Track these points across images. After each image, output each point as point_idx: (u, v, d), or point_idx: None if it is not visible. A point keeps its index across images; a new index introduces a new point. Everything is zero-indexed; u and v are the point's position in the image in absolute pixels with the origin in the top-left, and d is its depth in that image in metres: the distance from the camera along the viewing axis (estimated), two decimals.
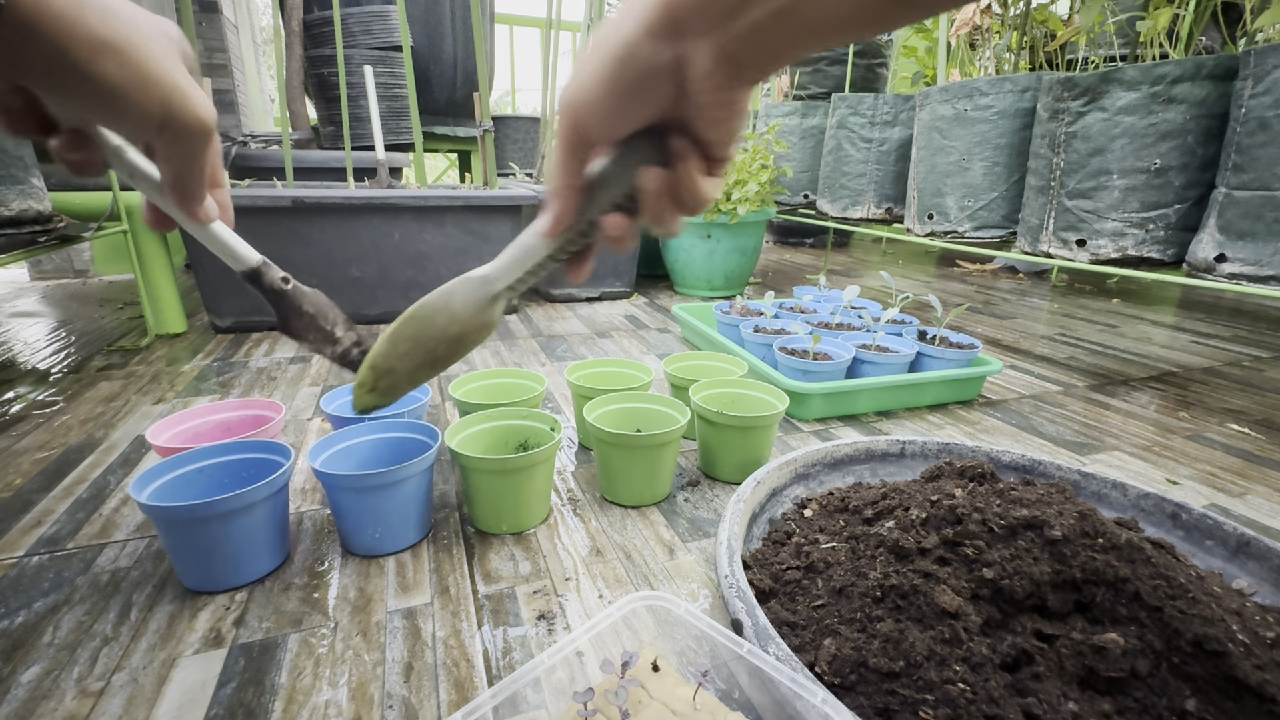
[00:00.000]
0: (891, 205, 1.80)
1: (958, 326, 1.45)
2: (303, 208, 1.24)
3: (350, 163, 1.44)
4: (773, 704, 0.38)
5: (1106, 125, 1.09)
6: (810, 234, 3.01)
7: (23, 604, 0.51)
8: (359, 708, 0.42)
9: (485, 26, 2.39)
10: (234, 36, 2.83)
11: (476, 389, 0.78)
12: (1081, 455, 0.82)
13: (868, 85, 2.36)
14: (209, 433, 0.68)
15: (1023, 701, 0.38)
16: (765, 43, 0.24)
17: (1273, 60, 0.90)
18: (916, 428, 0.90)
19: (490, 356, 1.17)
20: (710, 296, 1.75)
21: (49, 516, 0.63)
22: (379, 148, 1.42)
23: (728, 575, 0.46)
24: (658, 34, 0.25)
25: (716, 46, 0.25)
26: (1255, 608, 0.44)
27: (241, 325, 1.28)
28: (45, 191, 0.98)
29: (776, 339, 1.02)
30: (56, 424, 0.84)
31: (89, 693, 0.42)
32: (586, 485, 0.71)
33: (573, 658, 0.42)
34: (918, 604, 0.42)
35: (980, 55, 1.59)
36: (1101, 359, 1.26)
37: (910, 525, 0.48)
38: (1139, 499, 0.59)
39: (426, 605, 0.51)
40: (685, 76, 0.26)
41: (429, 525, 0.62)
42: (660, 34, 0.25)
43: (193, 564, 0.51)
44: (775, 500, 0.62)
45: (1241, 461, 0.81)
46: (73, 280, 1.87)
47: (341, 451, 0.62)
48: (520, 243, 0.34)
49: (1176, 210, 1.05)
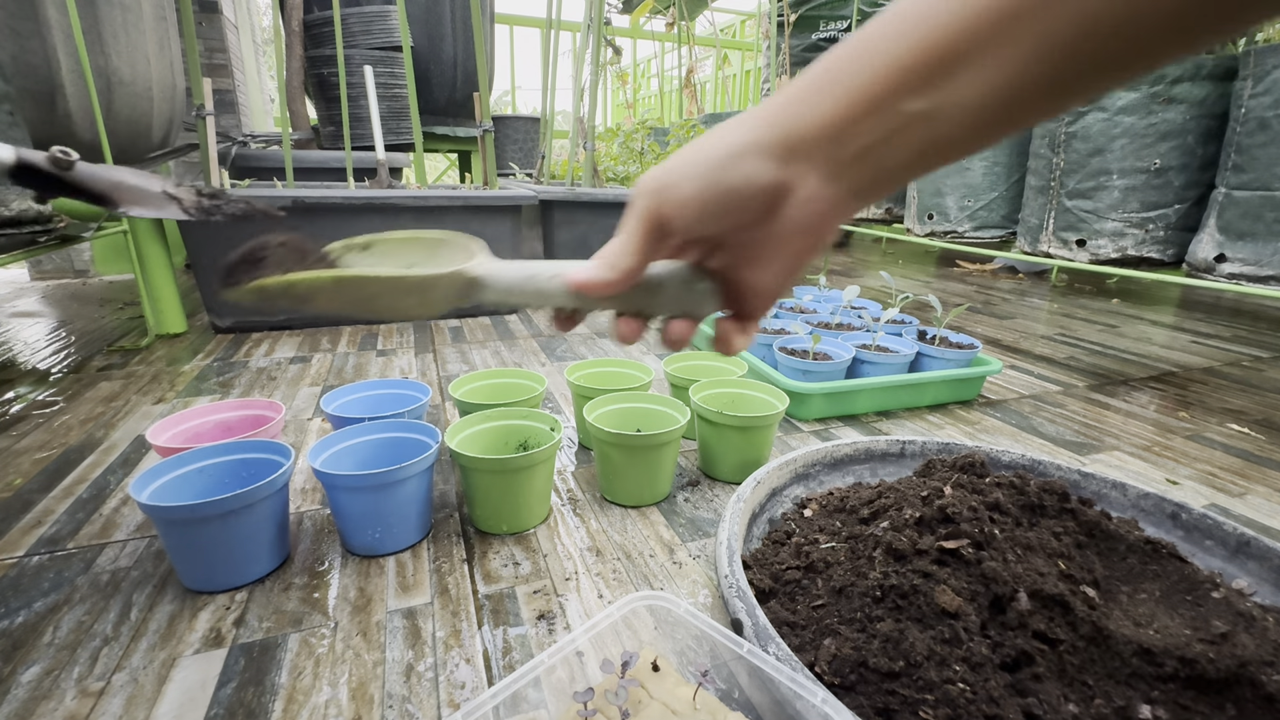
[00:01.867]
0: (891, 205, 1.80)
1: (958, 326, 1.45)
2: (303, 208, 1.24)
3: (350, 163, 1.44)
4: (773, 704, 0.38)
5: (1106, 125, 1.09)
6: None
7: (23, 604, 0.51)
8: (359, 708, 0.42)
9: (485, 26, 2.39)
10: (234, 36, 2.83)
11: (476, 389, 0.78)
12: (1081, 455, 0.82)
13: None
14: (209, 433, 0.68)
15: (1023, 702, 0.38)
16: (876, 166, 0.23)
17: (1273, 60, 0.90)
18: (916, 428, 0.90)
19: (490, 356, 1.17)
20: None
21: (49, 516, 0.63)
22: (379, 148, 1.42)
23: (728, 575, 0.46)
24: (766, 152, 0.24)
25: (822, 172, 0.24)
26: (1255, 607, 0.44)
27: (241, 325, 1.29)
28: None
29: (776, 339, 1.02)
30: (56, 424, 0.84)
31: (89, 693, 0.42)
32: (586, 485, 0.71)
33: (573, 657, 0.42)
34: (917, 604, 0.42)
35: None
36: (1101, 359, 1.26)
37: (904, 525, 0.48)
38: (1139, 499, 0.59)
39: (426, 605, 0.51)
40: (784, 198, 0.25)
41: (429, 525, 0.62)
42: (768, 153, 0.24)
43: (193, 564, 0.51)
44: (775, 500, 0.62)
45: (1241, 461, 0.81)
46: (73, 280, 1.87)
47: (341, 451, 0.62)
48: (536, 274, 0.31)
49: (1176, 210, 1.05)
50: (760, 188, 0.24)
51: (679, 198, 0.26)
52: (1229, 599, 0.46)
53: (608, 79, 3.68)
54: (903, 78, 0.20)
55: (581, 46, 1.96)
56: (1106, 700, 0.38)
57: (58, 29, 1.11)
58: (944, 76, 0.20)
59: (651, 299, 0.30)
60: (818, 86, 0.23)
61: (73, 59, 1.13)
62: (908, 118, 0.21)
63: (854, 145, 0.23)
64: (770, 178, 0.24)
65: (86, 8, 1.17)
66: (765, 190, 0.24)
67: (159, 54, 1.41)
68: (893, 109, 0.21)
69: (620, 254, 0.28)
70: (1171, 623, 0.44)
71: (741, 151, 0.24)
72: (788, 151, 0.24)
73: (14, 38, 1.06)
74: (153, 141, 1.47)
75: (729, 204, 0.25)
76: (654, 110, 4.11)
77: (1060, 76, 0.19)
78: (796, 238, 0.26)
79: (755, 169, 0.24)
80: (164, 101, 1.45)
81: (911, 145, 0.22)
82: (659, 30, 3.36)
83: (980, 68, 0.19)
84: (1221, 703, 0.38)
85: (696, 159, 0.25)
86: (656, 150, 1.85)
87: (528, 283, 0.31)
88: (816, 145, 0.23)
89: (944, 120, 0.21)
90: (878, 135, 0.22)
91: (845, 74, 0.22)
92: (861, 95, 0.22)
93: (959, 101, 0.20)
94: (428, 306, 0.32)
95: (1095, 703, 0.38)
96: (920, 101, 0.20)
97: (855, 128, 0.22)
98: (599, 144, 2.22)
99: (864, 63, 0.22)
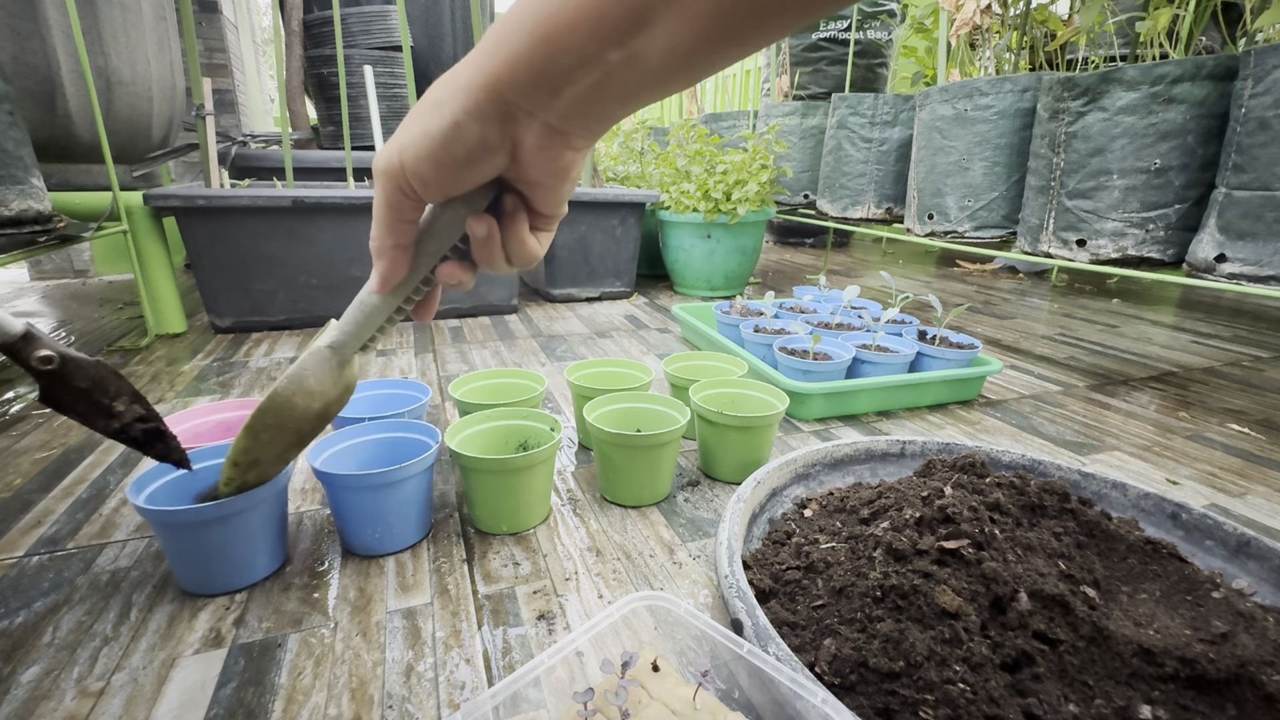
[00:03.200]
0: (891, 205, 1.80)
1: (958, 326, 1.45)
2: (303, 208, 1.24)
3: (350, 163, 1.44)
4: (773, 704, 0.38)
5: (1106, 125, 1.09)
6: (810, 234, 3.01)
7: (23, 604, 0.51)
8: (359, 708, 0.42)
9: (485, 26, 2.39)
10: (234, 36, 2.83)
11: (476, 389, 0.78)
12: (1081, 455, 0.82)
13: (868, 85, 2.36)
14: (209, 433, 0.68)
15: (1023, 702, 0.38)
16: (589, 112, 0.25)
17: (1273, 60, 0.90)
18: (916, 428, 0.90)
19: (490, 356, 1.17)
20: (710, 296, 1.75)
21: (49, 516, 0.63)
22: (379, 148, 1.42)
23: (728, 575, 0.46)
24: (486, 117, 0.26)
25: (543, 123, 0.26)
26: (1255, 607, 0.44)
27: (241, 325, 1.28)
28: (45, 191, 0.98)
29: (776, 339, 1.02)
30: (56, 424, 0.84)
31: (89, 693, 0.42)
32: (586, 485, 0.71)
33: (573, 658, 0.42)
34: (918, 604, 0.42)
35: (980, 55, 1.59)
36: (1101, 359, 1.26)
37: (904, 525, 0.48)
38: (1139, 499, 0.59)
39: (426, 605, 0.51)
40: (517, 151, 0.27)
41: (429, 525, 0.62)
42: (488, 117, 0.26)
43: (191, 568, 0.51)
44: (775, 500, 0.62)
45: (1241, 461, 0.81)
46: (73, 280, 1.87)
47: (341, 451, 0.62)
48: (360, 303, 0.34)
49: (1176, 210, 1.05)
50: (487, 148, 0.26)
51: (416, 175, 0.28)
52: (1229, 599, 0.46)
53: None
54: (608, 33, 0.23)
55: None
56: (1107, 700, 0.38)
57: (58, 29, 1.11)
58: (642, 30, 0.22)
59: (439, 240, 0.32)
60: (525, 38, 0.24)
61: (73, 59, 1.13)
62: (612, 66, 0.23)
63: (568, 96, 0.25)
64: (494, 136, 0.26)
65: (86, 8, 1.17)
66: (493, 148, 0.27)
67: (159, 54, 1.41)
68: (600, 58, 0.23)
69: (375, 238, 0.32)
70: (1172, 623, 0.44)
71: (462, 119, 0.26)
72: (504, 108, 0.25)
73: (14, 38, 1.06)
74: (152, 141, 1.47)
75: (466, 169, 0.27)
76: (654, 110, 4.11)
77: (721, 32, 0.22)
78: (540, 170, 0.28)
79: (478, 133, 0.26)
80: (164, 101, 1.45)
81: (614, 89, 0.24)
82: None
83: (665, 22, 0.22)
84: (1221, 703, 0.38)
85: (422, 132, 0.27)
86: (656, 149, 1.85)
87: (360, 312, 0.34)
88: (527, 97, 0.25)
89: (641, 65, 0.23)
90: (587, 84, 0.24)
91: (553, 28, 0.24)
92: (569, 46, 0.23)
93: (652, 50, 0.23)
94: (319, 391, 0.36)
95: (1095, 703, 0.38)
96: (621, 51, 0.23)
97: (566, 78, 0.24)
98: (599, 143, 2.22)
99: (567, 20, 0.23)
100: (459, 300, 1.45)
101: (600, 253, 1.64)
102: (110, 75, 1.25)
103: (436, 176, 0.28)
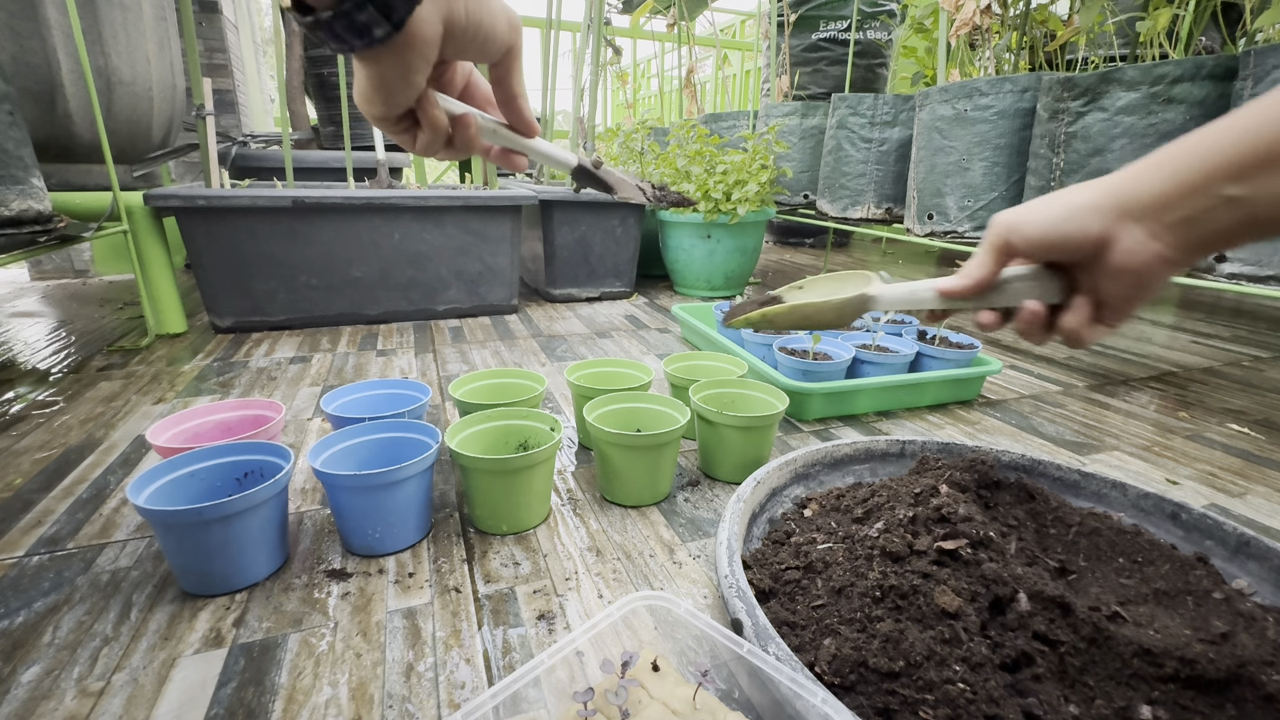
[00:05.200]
0: (891, 205, 1.80)
1: (957, 326, 1.45)
2: (303, 208, 1.24)
3: (350, 163, 1.44)
4: (773, 704, 0.38)
5: (1106, 125, 1.09)
6: (810, 234, 3.01)
7: (23, 604, 0.51)
8: (359, 708, 0.42)
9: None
10: (234, 36, 2.83)
11: (476, 389, 0.78)
12: (1081, 455, 0.82)
13: (868, 85, 2.36)
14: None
15: (1023, 702, 0.38)
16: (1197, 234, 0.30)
17: (1273, 60, 0.90)
18: (916, 428, 0.90)
19: (490, 356, 1.17)
20: (710, 296, 1.75)
21: (49, 516, 0.63)
22: (379, 148, 1.43)
23: (728, 575, 0.46)
24: (1099, 212, 0.32)
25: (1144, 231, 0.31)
26: (1255, 607, 0.44)
27: (241, 325, 1.28)
28: (45, 191, 0.98)
29: (776, 339, 1.02)
30: (56, 424, 0.84)
31: (89, 693, 0.42)
32: (586, 485, 0.71)
33: (573, 657, 0.42)
34: (917, 604, 0.42)
35: (980, 55, 1.59)
36: (1101, 359, 1.26)
37: (897, 525, 0.48)
38: (1139, 499, 0.59)
39: (426, 605, 0.51)
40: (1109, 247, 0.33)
41: (429, 525, 0.62)
42: (1102, 213, 0.32)
43: (191, 568, 0.51)
44: (775, 500, 0.62)
45: (1241, 461, 0.81)
46: (73, 280, 1.87)
47: (341, 451, 0.62)
48: (914, 289, 0.42)
49: None
50: (1088, 236, 0.33)
51: (1025, 235, 0.35)
52: (1229, 599, 0.46)
53: (608, 79, 3.68)
54: (1225, 169, 0.29)
55: (581, 47, 1.96)
56: (1107, 701, 0.38)
57: (58, 29, 1.11)
58: (1260, 171, 0.28)
59: (1001, 296, 0.39)
60: (1153, 167, 0.32)
61: (73, 59, 1.13)
62: (1222, 200, 0.29)
63: (1173, 215, 0.30)
64: (1098, 230, 0.33)
65: (86, 8, 1.17)
66: (1092, 239, 0.33)
67: (159, 54, 1.41)
68: (1210, 192, 0.29)
69: (975, 267, 0.38)
70: (1171, 623, 0.44)
71: (1081, 208, 0.33)
72: (1117, 213, 0.32)
73: (14, 38, 1.06)
74: (152, 141, 1.47)
75: (1064, 245, 0.34)
76: (654, 110, 4.11)
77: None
78: (1122, 276, 0.33)
79: (1088, 222, 0.33)
80: (164, 101, 1.45)
81: (1223, 220, 0.29)
82: (659, 30, 3.36)
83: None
84: (1221, 703, 0.38)
85: (1045, 208, 0.35)
86: (656, 150, 1.85)
87: (909, 295, 0.42)
88: (1143, 211, 0.31)
89: (1257, 204, 0.28)
90: (1194, 211, 0.30)
91: (1176, 161, 0.31)
92: (1186, 179, 0.30)
93: (1272, 192, 0.28)
94: (842, 320, 0.44)
95: (1096, 703, 0.38)
96: (1237, 188, 0.28)
97: (1178, 202, 0.30)
98: (599, 144, 2.22)
99: (1193, 154, 0.30)
100: (459, 300, 1.45)
101: (600, 253, 1.64)
102: (110, 75, 1.25)
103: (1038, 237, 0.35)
